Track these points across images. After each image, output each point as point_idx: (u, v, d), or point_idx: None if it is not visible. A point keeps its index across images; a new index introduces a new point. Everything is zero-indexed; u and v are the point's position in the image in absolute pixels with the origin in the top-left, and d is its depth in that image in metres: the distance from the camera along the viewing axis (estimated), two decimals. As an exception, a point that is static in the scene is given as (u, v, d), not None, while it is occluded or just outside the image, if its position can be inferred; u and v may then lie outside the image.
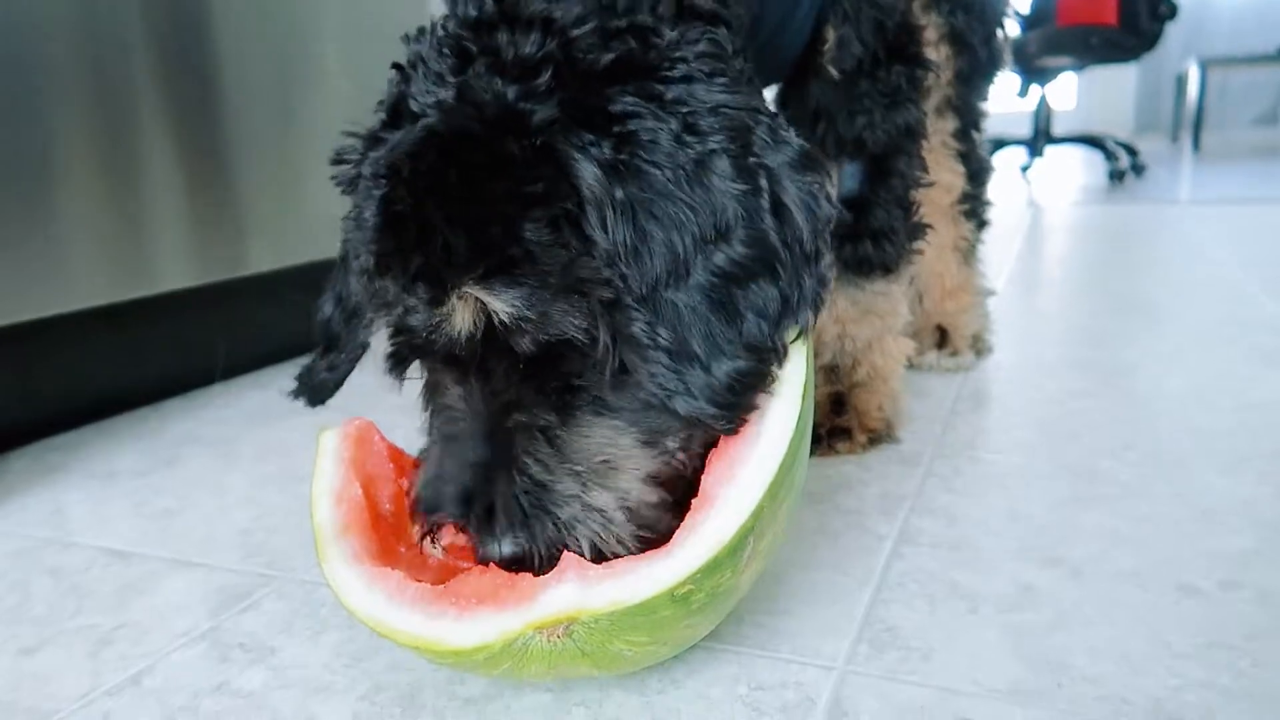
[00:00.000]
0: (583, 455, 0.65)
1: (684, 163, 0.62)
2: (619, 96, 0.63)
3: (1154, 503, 0.97)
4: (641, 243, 0.62)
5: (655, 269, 0.62)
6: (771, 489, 0.63)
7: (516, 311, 0.60)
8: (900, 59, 1.07)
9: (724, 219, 0.63)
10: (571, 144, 0.61)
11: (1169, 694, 0.67)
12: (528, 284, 0.60)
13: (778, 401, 0.66)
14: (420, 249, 0.61)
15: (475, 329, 0.62)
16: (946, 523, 0.95)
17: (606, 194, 0.61)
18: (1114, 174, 4.43)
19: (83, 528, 1.08)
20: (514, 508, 0.63)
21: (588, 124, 0.62)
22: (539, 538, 0.63)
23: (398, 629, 0.64)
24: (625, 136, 0.62)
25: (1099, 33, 4.32)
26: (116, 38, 1.36)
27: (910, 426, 1.22)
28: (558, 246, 0.61)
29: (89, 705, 0.73)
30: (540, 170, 0.61)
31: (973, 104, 1.44)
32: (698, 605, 0.62)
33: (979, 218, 1.51)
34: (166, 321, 1.55)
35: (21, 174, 1.24)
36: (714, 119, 0.64)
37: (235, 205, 1.57)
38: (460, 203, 0.60)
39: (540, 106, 0.62)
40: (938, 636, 0.75)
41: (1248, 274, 2.12)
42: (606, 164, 0.61)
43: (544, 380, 0.65)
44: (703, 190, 0.62)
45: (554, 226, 0.61)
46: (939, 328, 1.49)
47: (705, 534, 0.61)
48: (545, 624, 0.60)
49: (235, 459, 1.27)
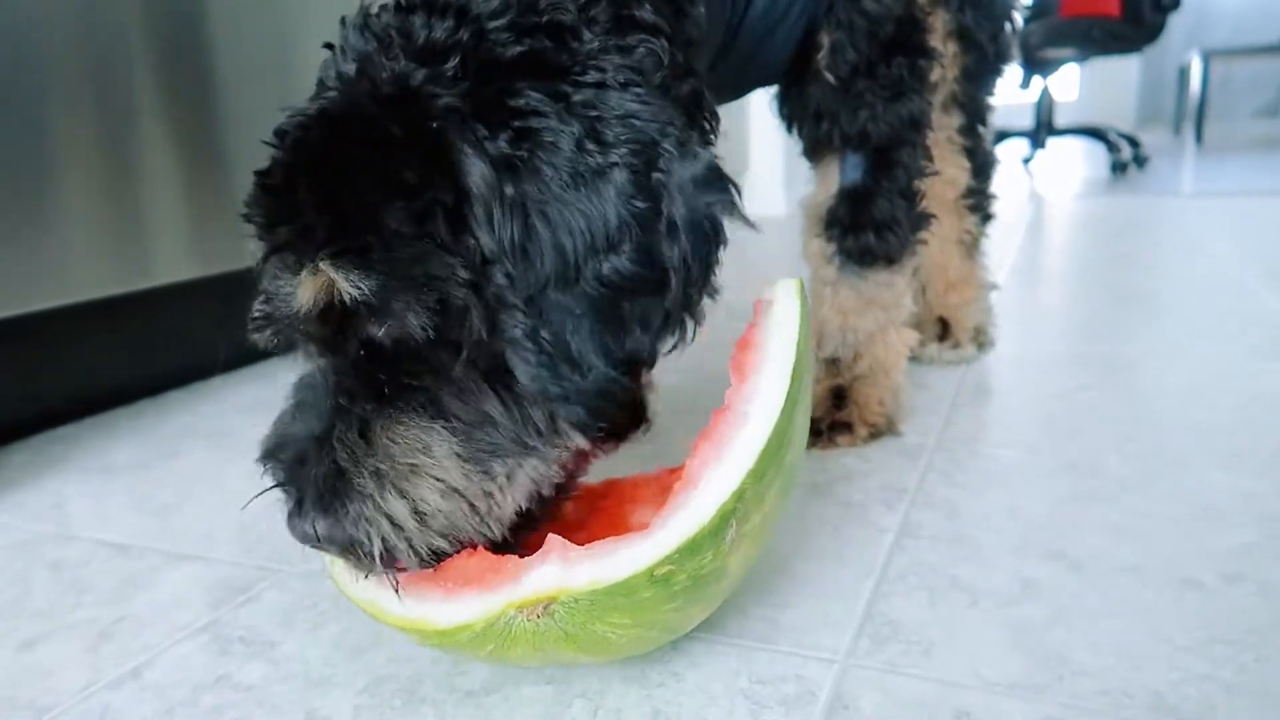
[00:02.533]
0: (390, 454, 0.63)
1: (583, 170, 0.61)
2: (523, 91, 0.62)
3: (1155, 497, 0.97)
4: (529, 242, 0.61)
5: (543, 270, 0.61)
6: (755, 471, 0.63)
7: (360, 294, 0.60)
8: (902, 51, 1.06)
9: (616, 231, 0.62)
10: (465, 137, 0.60)
11: (1170, 688, 0.66)
12: (377, 270, 0.60)
13: (765, 382, 0.66)
14: (284, 222, 0.62)
15: (316, 305, 0.62)
16: (947, 516, 0.95)
17: (494, 190, 0.60)
18: (1116, 166, 4.42)
19: (83, 521, 1.08)
20: (314, 490, 0.63)
21: (484, 117, 0.61)
22: (336, 526, 0.63)
23: (386, 610, 0.66)
24: (524, 133, 0.61)
25: (1101, 24, 4.30)
26: (115, 31, 1.35)
27: (911, 420, 1.22)
28: (418, 239, 0.60)
29: (89, 699, 0.73)
30: (418, 158, 0.60)
31: (979, 100, 1.44)
32: (680, 587, 0.62)
33: (983, 212, 1.51)
34: (166, 314, 1.55)
35: (20, 167, 1.24)
36: (621, 129, 0.63)
37: (234, 198, 1.56)
38: (330, 182, 0.61)
39: (444, 93, 0.61)
40: (939, 630, 0.75)
41: (1250, 267, 2.11)
42: (499, 159, 0.60)
43: (381, 371, 0.64)
44: (598, 199, 0.61)
45: (419, 219, 0.60)
46: (941, 320, 1.49)
47: (685, 515, 0.62)
48: (526, 603, 0.61)
49: (235, 452, 1.27)
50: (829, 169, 1.14)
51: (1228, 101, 7.00)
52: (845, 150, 1.11)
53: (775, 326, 0.69)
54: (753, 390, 0.67)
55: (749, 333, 0.70)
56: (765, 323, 0.70)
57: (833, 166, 1.14)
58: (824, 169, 1.16)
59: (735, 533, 0.64)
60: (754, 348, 0.69)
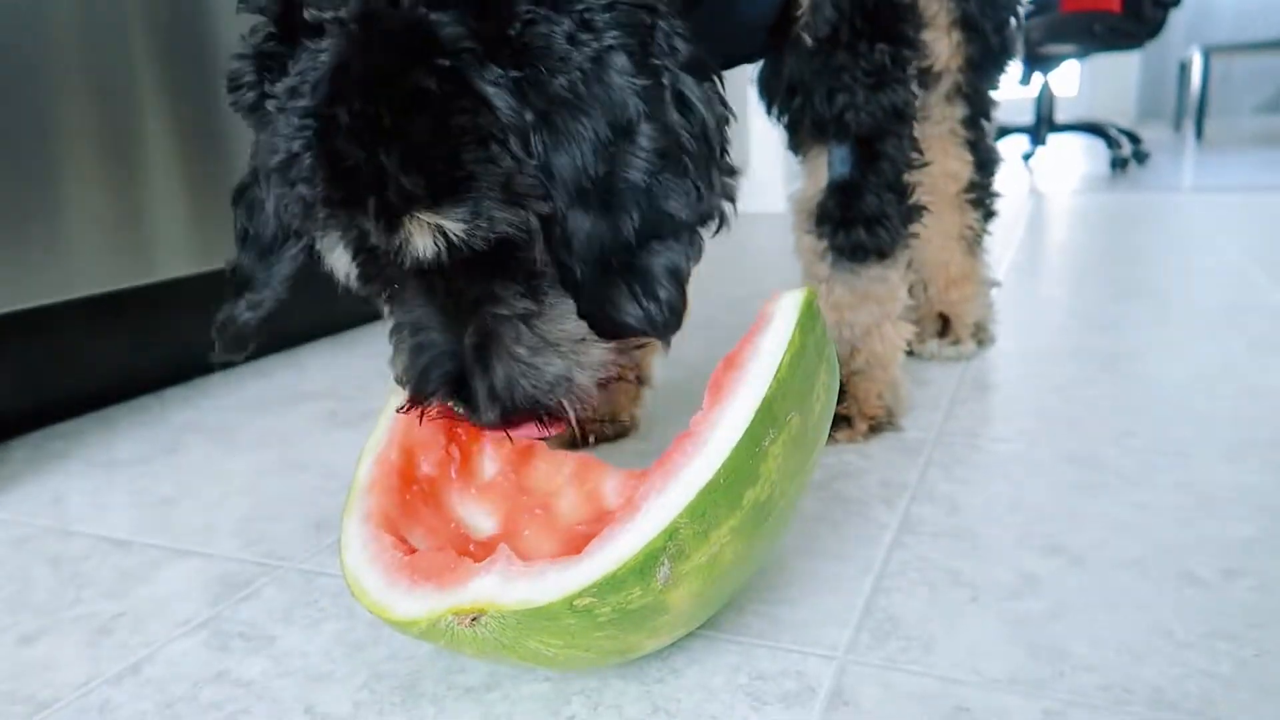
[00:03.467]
0: (561, 334, 0.68)
1: (580, 63, 0.63)
2: (519, 14, 0.63)
3: (1156, 491, 0.97)
4: (559, 155, 0.63)
5: (577, 177, 0.63)
6: (693, 508, 0.60)
7: (467, 225, 0.62)
8: (885, 37, 1.05)
9: (625, 114, 0.63)
10: (484, 78, 0.62)
11: (1171, 683, 0.66)
12: (472, 199, 0.62)
13: (730, 412, 0.63)
14: (371, 189, 0.62)
15: (439, 250, 0.63)
16: (948, 511, 0.95)
17: (519, 117, 0.62)
18: (1116, 162, 4.42)
19: (83, 516, 1.08)
20: (513, 389, 0.67)
21: (494, 54, 0.62)
22: (530, 407, 0.67)
23: (364, 588, 0.67)
24: (523, 51, 0.62)
25: (1102, 19, 4.30)
26: (116, 24, 1.35)
27: (912, 415, 1.22)
28: (493, 163, 0.62)
29: (88, 694, 0.73)
30: (460, 102, 0.62)
31: (983, 92, 1.42)
32: (605, 619, 0.60)
33: (986, 208, 1.49)
34: (167, 309, 1.55)
35: (21, 161, 1.24)
36: (608, 15, 0.64)
37: (235, 193, 1.56)
38: (397, 143, 0.61)
39: (446, 23, 0.61)
40: (939, 625, 0.75)
41: (1250, 262, 2.11)
42: (513, 88, 0.62)
43: (507, 271, 0.67)
44: (602, 88, 0.63)
45: (484, 146, 0.62)
46: (942, 316, 1.48)
47: (610, 548, 0.59)
48: (460, 611, 0.61)
49: (236, 447, 1.27)
50: (817, 164, 1.14)
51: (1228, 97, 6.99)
52: (830, 143, 1.10)
53: (762, 347, 0.65)
54: (718, 418, 0.62)
55: (738, 348, 0.66)
56: (755, 340, 0.66)
57: (820, 161, 1.13)
58: (812, 164, 1.15)
59: (669, 570, 0.60)
60: (736, 368, 0.65)
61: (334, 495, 1.08)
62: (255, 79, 0.68)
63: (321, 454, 1.22)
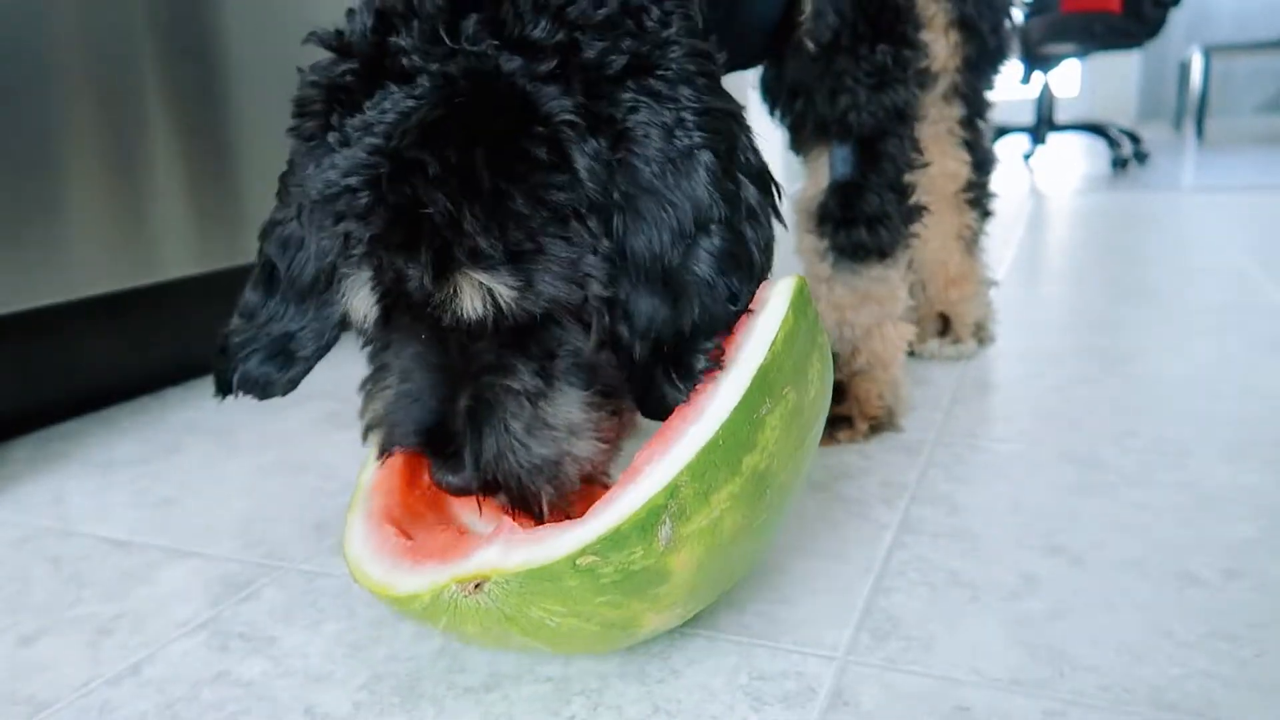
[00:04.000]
0: (561, 421, 0.67)
1: (673, 156, 0.64)
2: (625, 99, 0.64)
3: (1156, 491, 0.97)
4: (633, 236, 0.64)
5: (639, 262, 0.65)
6: (694, 467, 0.61)
7: (519, 295, 0.62)
8: (886, 38, 1.06)
9: (706, 213, 0.65)
10: (582, 149, 0.63)
11: (1171, 683, 0.66)
12: (532, 269, 0.62)
13: (728, 380, 0.65)
14: (435, 239, 0.61)
15: (485, 311, 0.62)
16: (948, 511, 0.95)
17: (605, 194, 0.63)
18: (1117, 161, 4.42)
19: (83, 516, 1.08)
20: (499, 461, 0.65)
21: (595, 128, 0.63)
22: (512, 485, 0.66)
23: (367, 572, 0.68)
24: (624, 134, 0.64)
25: (1103, 19, 4.29)
26: (119, 26, 1.35)
27: (912, 415, 1.22)
28: (566, 242, 0.63)
29: (88, 694, 0.73)
30: (557, 174, 0.62)
31: (979, 92, 1.43)
32: (608, 580, 0.61)
33: (983, 207, 1.50)
34: (168, 310, 1.55)
35: (23, 162, 1.24)
36: (702, 118, 0.65)
37: (237, 193, 1.56)
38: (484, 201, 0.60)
39: (552, 97, 0.62)
40: (939, 625, 0.75)
41: (1250, 261, 2.11)
42: (607, 163, 0.63)
43: (528, 346, 0.67)
44: (688, 182, 0.65)
45: (564, 224, 0.63)
46: (941, 316, 1.48)
47: (613, 506, 0.61)
48: (463, 579, 0.62)
49: (236, 448, 1.27)
50: (818, 164, 1.14)
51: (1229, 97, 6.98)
52: (832, 143, 1.11)
53: (757, 326, 0.68)
54: (715, 388, 0.65)
55: (734, 330, 0.69)
56: (750, 321, 0.68)
57: (822, 161, 1.13)
58: (813, 164, 1.15)
59: (670, 531, 0.61)
60: (732, 345, 0.67)
61: (334, 496, 1.08)
62: (323, 109, 0.66)
63: (322, 455, 1.22)
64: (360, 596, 0.85)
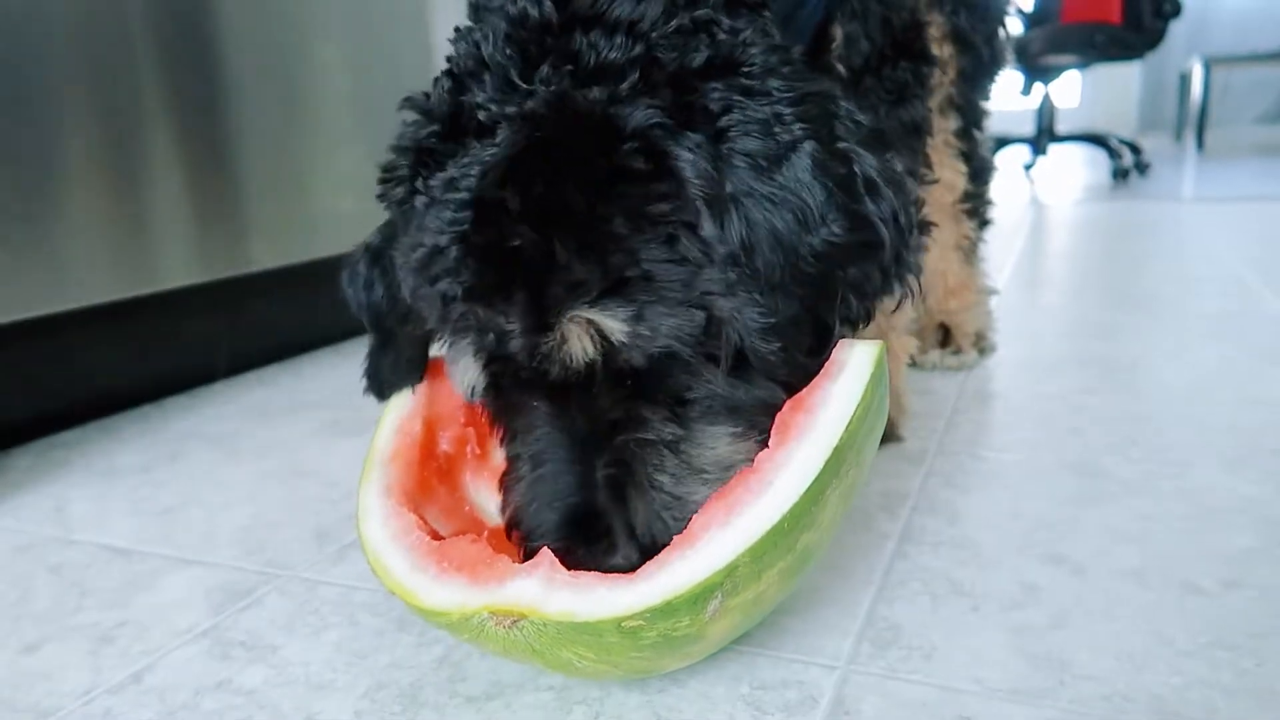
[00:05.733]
0: (710, 462, 0.64)
1: (777, 151, 0.62)
2: (715, 93, 0.62)
3: (1157, 500, 0.97)
4: (752, 235, 0.61)
5: (767, 259, 0.61)
6: (756, 549, 0.59)
7: (632, 330, 0.59)
8: (907, 55, 1.07)
9: (822, 204, 0.62)
10: (680, 144, 0.60)
11: (1171, 692, 0.66)
12: (642, 300, 0.59)
13: (802, 455, 0.61)
14: (529, 279, 0.58)
15: (595, 352, 0.59)
16: (949, 521, 0.95)
17: (716, 194, 0.60)
18: (1117, 172, 4.42)
19: (85, 524, 1.08)
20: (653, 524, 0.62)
21: (689, 123, 0.61)
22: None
23: (387, 568, 0.66)
24: (723, 132, 0.61)
25: (1103, 30, 4.31)
26: (119, 34, 1.36)
27: (913, 425, 1.22)
28: (675, 263, 0.60)
29: (90, 703, 0.73)
30: (657, 183, 0.59)
31: (975, 103, 1.44)
32: (648, 643, 0.60)
33: (981, 216, 1.51)
34: (169, 318, 1.55)
35: (24, 171, 1.24)
36: (798, 108, 0.63)
37: (238, 202, 1.57)
38: (577, 226, 0.58)
39: (633, 110, 0.60)
40: (940, 635, 0.75)
41: (1251, 271, 2.11)
42: (712, 162, 0.60)
43: (655, 393, 0.63)
44: (796, 176, 0.62)
45: (671, 242, 0.60)
46: (942, 326, 1.49)
47: (668, 575, 0.59)
48: (498, 610, 0.60)
49: (237, 456, 1.27)
50: None
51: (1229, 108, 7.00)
52: None
53: (835, 394, 0.64)
54: (785, 459, 0.61)
55: (807, 391, 0.65)
56: (826, 386, 0.64)
57: None
58: None
59: (719, 605, 0.60)
60: (805, 411, 0.63)
61: (335, 504, 1.08)
62: (410, 174, 0.65)
63: (323, 463, 1.22)
64: (362, 604, 0.85)
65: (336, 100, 1.72)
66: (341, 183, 1.74)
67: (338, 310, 0.83)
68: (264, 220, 1.61)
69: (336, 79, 1.72)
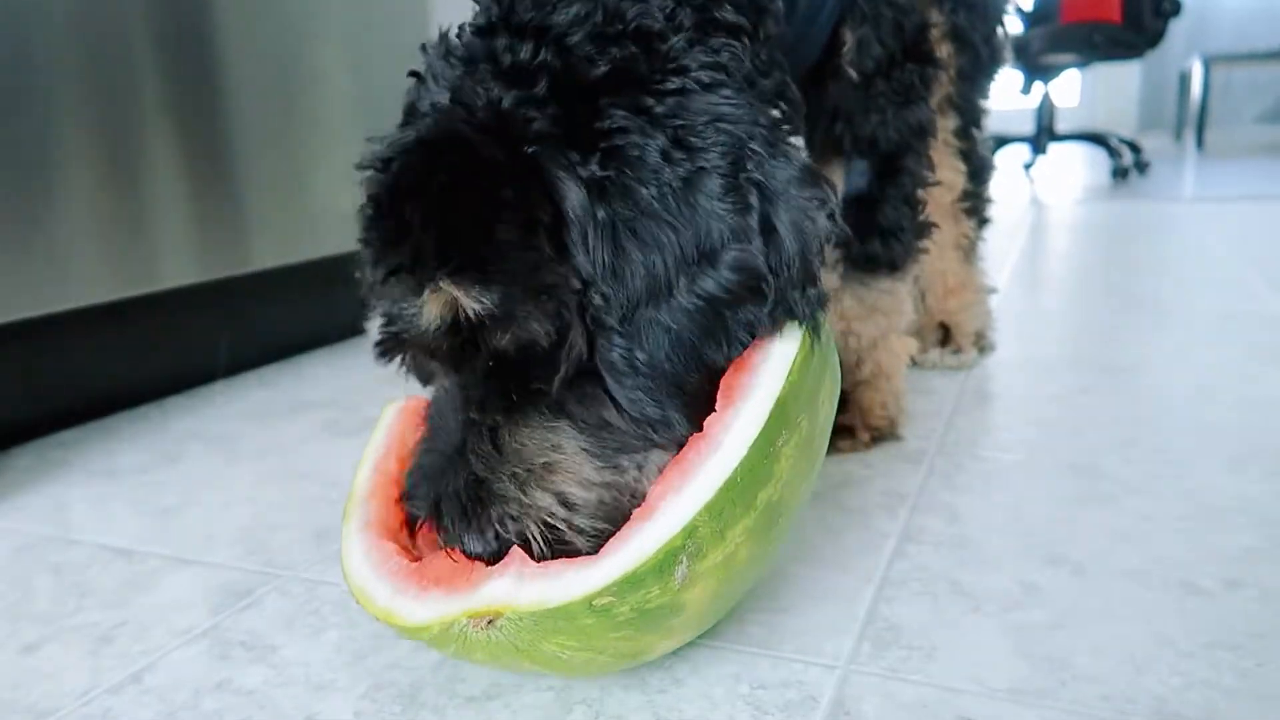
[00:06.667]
0: (522, 456, 0.64)
1: (670, 180, 0.62)
2: (608, 111, 0.63)
3: (1157, 500, 0.97)
4: (622, 262, 0.62)
5: (635, 289, 0.62)
6: (713, 506, 0.60)
7: (484, 307, 0.61)
8: (914, 58, 1.07)
9: (709, 240, 0.62)
10: (558, 162, 0.62)
11: (1172, 693, 0.66)
12: (498, 282, 0.61)
13: (746, 411, 0.63)
14: (397, 245, 0.62)
15: (443, 322, 0.62)
16: (949, 520, 0.95)
17: (588, 214, 0.61)
18: (1117, 171, 4.42)
19: (84, 525, 1.08)
20: (456, 504, 0.64)
21: (575, 141, 0.62)
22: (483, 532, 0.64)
23: (370, 596, 0.66)
24: (611, 152, 0.62)
25: (1103, 30, 4.31)
26: (118, 34, 1.36)
27: (913, 424, 1.22)
28: (528, 249, 0.61)
29: (90, 703, 0.73)
30: (517, 179, 0.62)
31: (974, 102, 1.44)
32: (624, 619, 0.60)
33: (980, 216, 1.51)
34: (169, 318, 1.55)
35: (23, 170, 1.24)
36: (708, 133, 0.63)
37: (238, 202, 1.57)
38: (438, 204, 0.62)
39: (537, 116, 0.62)
40: (940, 635, 0.75)
41: (1251, 271, 2.11)
42: (591, 183, 0.61)
43: (505, 379, 0.65)
44: (689, 209, 0.62)
45: (526, 233, 0.61)
46: (941, 325, 1.49)
47: (630, 547, 0.59)
48: (475, 614, 0.60)
49: (237, 456, 1.27)
50: (832, 175, 1.15)
51: (1229, 107, 7.00)
52: (852, 156, 1.11)
53: (773, 353, 0.65)
54: (732, 418, 0.62)
55: (747, 353, 0.66)
56: (765, 345, 0.66)
57: (836, 173, 1.14)
58: (827, 175, 1.16)
59: (687, 569, 0.60)
60: (747, 370, 0.65)
61: (335, 504, 1.08)
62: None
63: (322, 463, 1.22)
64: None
65: (336, 100, 1.72)
66: (341, 182, 1.74)
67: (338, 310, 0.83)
68: (264, 220, 1.61)
69: (336, 79, 1.72)
